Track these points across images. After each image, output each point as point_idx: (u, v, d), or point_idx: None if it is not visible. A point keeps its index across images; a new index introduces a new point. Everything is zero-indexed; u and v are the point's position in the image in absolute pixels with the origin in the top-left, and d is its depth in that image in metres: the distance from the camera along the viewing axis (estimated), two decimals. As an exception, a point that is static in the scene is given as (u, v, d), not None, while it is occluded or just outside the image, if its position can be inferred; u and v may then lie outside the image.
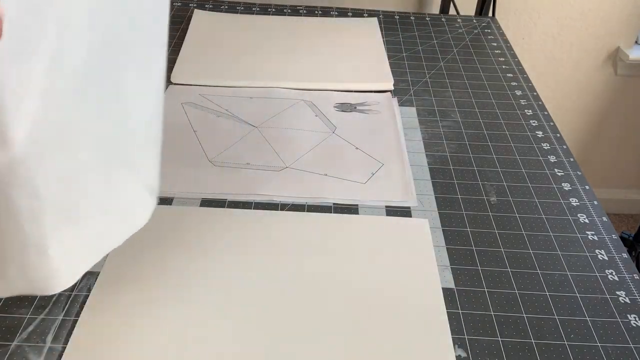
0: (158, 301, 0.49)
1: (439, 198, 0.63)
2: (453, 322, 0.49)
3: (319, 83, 0.82)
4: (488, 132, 0.75)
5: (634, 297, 0.52)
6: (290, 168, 0.66)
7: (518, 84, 0.87)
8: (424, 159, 0.69)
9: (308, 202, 0.61)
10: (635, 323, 0.50)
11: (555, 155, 0.71)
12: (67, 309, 0.48)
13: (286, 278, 0.52)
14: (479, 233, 0.58)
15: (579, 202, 0.64)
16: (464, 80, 0.87)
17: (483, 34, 1.03)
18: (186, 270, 0.52)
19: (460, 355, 0.47)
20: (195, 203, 0.60)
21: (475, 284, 0.53)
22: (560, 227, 0.60)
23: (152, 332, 0.46)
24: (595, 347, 0.48)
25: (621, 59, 1.55)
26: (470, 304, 0.51)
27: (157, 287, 0.50)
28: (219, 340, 0.46)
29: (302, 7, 1.07)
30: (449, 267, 0.54)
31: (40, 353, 0.45)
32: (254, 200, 0.61)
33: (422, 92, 0.83)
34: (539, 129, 0.76)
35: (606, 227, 0.60)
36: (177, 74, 0.82)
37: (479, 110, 0.79)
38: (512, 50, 0.97)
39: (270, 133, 0.71)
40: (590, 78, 1.62)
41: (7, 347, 0.45)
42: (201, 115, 0.74)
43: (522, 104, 0.81)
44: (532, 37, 1.53)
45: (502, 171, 0.68)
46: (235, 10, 1.05)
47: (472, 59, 0.93)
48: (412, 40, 0.98)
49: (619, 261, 0.56)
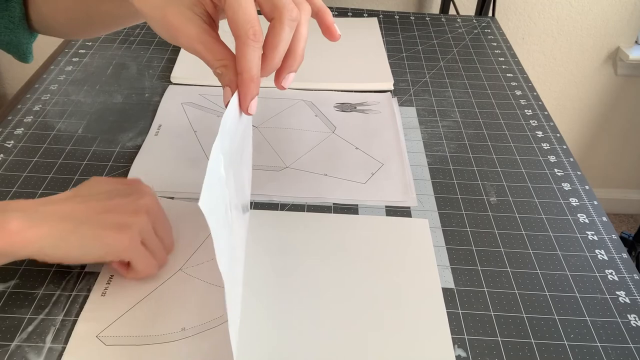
0: (158, 300, 0.49)
1: (438, 198, 0.63)
2: (453, 322, 0.49)
3: (319, 83, 0.82)
4: (488, 132, 0.75)
5: (634, 297, 0.52)
6: (290, 168, 0.66)
7: (518, 84, 0.87)
8: (424, 159, 0.69)
9: (308, 202, 0.61)
10: (635, 323, 0.50)
11: (555, 155, 0.71)
12: (67, 309, 0.48)
13: (285, 277, 0.52)
14: (479, 233, 0.58)
15: (579, 202, 0.64)
16: (464, 80, 0.87)
17: (483, 34, 1.03)
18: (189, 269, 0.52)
19: (460, 355, 0.47)
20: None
21: (475, 284, 0.53)
22: (560, 227, 0.60)
23: (151, 332, 0.46)
24: (595, 347, 0.48)
25: (621, 59, 1.55)
26: (470, 304, 0.51)
27: (157, 286, 0.50)
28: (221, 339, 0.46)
29: (302, 7, 1.07)
30: (449, 267, 0.54)
31: (40, 353, 0.45)
32: (254, 200, 0.61)
33: (422, 92, 0.83)
34: (539, 129, 0.76)
35: (606, 227, 0.60)
36: (177, 74, 0.82)
37: (479, 110, 0.79)
38: (512, 50, 0.97)
39: (270, 133, 0.71)
40: (590, 78, 1.62)
41: (7, 347, 0.45)
42: (201, 115, 0.74)
43: (522, 104, 0.81)
44: (532, 37, 1.53)
45: (502, 171, 0.68)
46: (235, 10, 1.05)
47: (472, 59, 0.93)
48: (412, 40, 0.98)
49: (619, 261, 0.56)
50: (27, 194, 0.60)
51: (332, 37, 0.44)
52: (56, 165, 0.64)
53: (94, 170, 0.64)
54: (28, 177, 0.62)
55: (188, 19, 0.41)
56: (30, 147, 0.67)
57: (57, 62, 0.85)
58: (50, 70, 0.83)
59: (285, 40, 0.40)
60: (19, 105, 0.74)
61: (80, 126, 0.71)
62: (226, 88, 0.41)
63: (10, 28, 0.58)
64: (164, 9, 0.41)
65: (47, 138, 0.69)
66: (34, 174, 0.63)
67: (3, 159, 0.65)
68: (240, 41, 0.39)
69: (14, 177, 0.62)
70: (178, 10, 0.41)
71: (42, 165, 0.64)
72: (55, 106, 0.75)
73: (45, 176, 0.62)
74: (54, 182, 0.62)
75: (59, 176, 0.63)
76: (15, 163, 0.64)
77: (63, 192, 0.49)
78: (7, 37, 0.59)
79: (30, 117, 0.72)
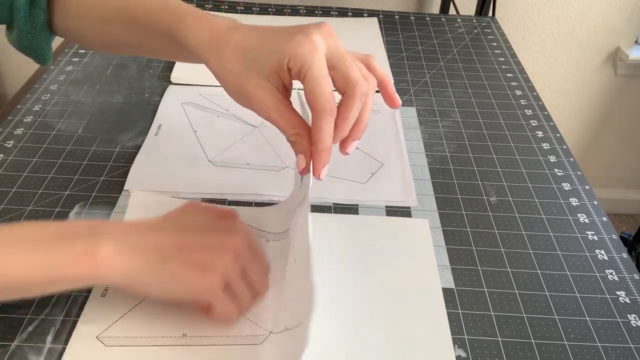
0: (157, 300, 0.49)
1: (438, 198, 0.63)
2: (453, 322, 0.49)
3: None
4: (488, 132, 0.75)
5: (634, 297, 0.52)
6: (290, 168, 0.66)
7: (518, 84, 0.87)
8: (424, 159, 0.69)
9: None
10: (635, 323, 0.50)
11: (555, 155, 0.71)
12: (67, 309, 0.48)
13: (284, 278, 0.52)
14: (479, 233, 0.58)
15: (579, 202, 0.64)
16: (464, 80, 0.87)
17: (483, 34, 1.03)
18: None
19: (460, 355, 0.47)
20: (195, 203, 0.60)
21: (475, 284, 0.53)
22: (560, 227, 0.60)
23: (151, 333, 0.46)
24: (595, 347, 0.48)
25: (621, 59, 1.55)
26: (470, 304, 0.51)
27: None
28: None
29: (302, 7, 1.07)
30: (449, 267, 0.54)
31: (40, 353, 0.45)
32: (254, 200, 0.61)
33: (422, 92, 0.83)
34: (539, 129, 0.76)
35: (606, 227, 0.60)
36: (177, 74, 0.82)
37: (479, 110, 0.79)
38: (512, 50, 0.97)
39: (270, 133, 0.71)
40: (590, 78, 1.62)
41: (7, 347, 0.45)
42: (201, 115, 0.74)
43: (522, 104, 0.81)
44: (532, 37, 1.53)
45: (502, 171, 0.68)
46: (236, 10, 1.05)
47: (472, 59, 0.93)
48: (412, 40, 0.98)
49: (619, 261, 0.56)
50: (27, 194, 0.60)
51: (394, 105, 0.49)
52: (56, 165, 0.64)
53: (94, 170, 0.64)
54: (28, 177, 0.62)
55: (265, 89, 0.44)
56: (30, 147, 0.67)
57: (57, 62, 0.85)
58: (50, 70, 0.83)
59: (355, 113, 0.44)
60: (19, 105, 0.74)
61: (80, 126, 0.71)
62: (300, 155, 0.45)
63: (33, 33, 0.57)
64: (242, 78, 0.45)
65: (47, 138, 0.69)
66: (34, 174, 0.63)
67: (3, 159, 0.65)
68: (317, 115, 0.43)
69: (14, 177, 0.62)
70: (257, 81, 0.44)
71: (42, 165, 0.64)
72: (55, 106, 0.75)
73: (45, 176, 0.62)
74: (54, 182, 0.62)
75: (59, 176, 0.63)
76: (15, 163, 0.64)
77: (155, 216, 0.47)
78: (28, 42, 0.58)
79: (30, 117, 0.72)
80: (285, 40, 0.43)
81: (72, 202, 0.59)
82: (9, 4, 0.56)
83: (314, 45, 0.42)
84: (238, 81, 0.45)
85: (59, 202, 0.59)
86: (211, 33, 0.47)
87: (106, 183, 0.62)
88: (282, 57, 0.43)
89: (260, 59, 0.44)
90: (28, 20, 0.56)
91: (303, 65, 0.42)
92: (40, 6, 0.56)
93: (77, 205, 0.59)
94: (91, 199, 0.60)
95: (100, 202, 0.59)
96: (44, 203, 0.59)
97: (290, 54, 0.43)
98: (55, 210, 0.58)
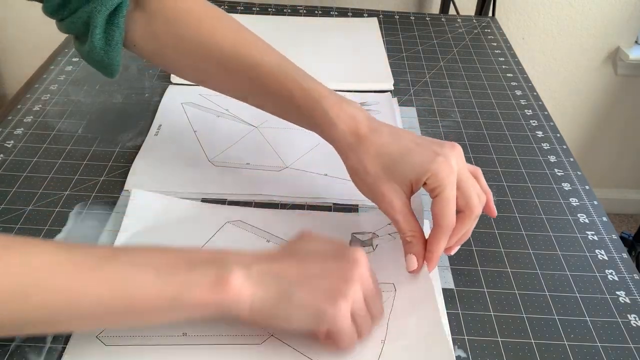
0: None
1: (439, 198, 0.63)
2: (453, 322, 0.49)
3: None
4: (488, 132, 0.75)
5: (634, 297, 0.52)
6: (290, 168, 0.66)
7: (518, 84, 0.87)
8: (424, 159, 0.68)
9: (308, 202, 0.61)
10: (635, 323, 0.50)
11: (555, 155, 0.71)
12: (67, 309, 0.48)
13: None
14: (479, 233, 0.58)
15: (579, 202, 0.64)
16: (464, 80, 0.87)
17: (483, 33, 1.03)
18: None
19: (460, 355, 0.47)
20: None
21: (475, 284, 0.53)
22: (560, 227, 0.60)
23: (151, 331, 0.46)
24: (595, 347, 0.48)
25: (621, 59, 1.55)
26: (470, 304, 0.51)
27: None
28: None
29: (302, 7, 1.07)
30: (448, 267, 0.54)
31: (40, 353, 0.45)
32: (254, 200, 0.61)
33: (422, 92, 0.83)
34: (539, 129, 0.76)
35: (606, 227, 0.60)
36: (177, 74, 0.82)
37: (479, 110, 0.79)
38: (512, 50, 0.97)
39: (270, 133, 0.71)
40: (590, 78, 1.62)
41: (7, 347, 0.45)
42: (201, 115, 0.74)
43: (522, 104, 0.81)
44: (532, 37, 1.53)
45: (502, 171, 0.68)
46: (236, 10, 1.05)
47: (472, 58, 0.93)
48: (412, 40, 0.98)
49: (619, 261, 0.56)
50: (27, 194, 0.60)
51: (492, 216, 0.53)
52: (56, 165, 0.64)
53: (94, 170, 0.64)
54: (28, 177, 0.62)
55: (396, 193, 0.50)
56: (30, 147, 0.67)
57: (57, 62, 0.85)
58: (50, 70, 0.83)
59: (468, 230, 0.50)
60: (19, 105, 0.74)
61: (80, 126, 0.71)
62: (412, 256, 0.50)
63: (105, 50, 0.56)
64: (379, 180, 0.50)
65: (47, 138, 0.69)
66: (34, 174, 0.63)
67: (3, 159, 0.65)
68: (440, 230, 0.48)
69: (14, 177, 0.62)
70: (391, 185, 0.50)
71: (42, 165, 0.64)
72: (55, 106, 0.75)
73: (45, 176, 0.62)
74: (54, 182, 0.62)
75: (59, 176, 0.63)
76: (15, 163, 0.64)
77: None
78: (100, 57, 0.57)
79: (30, 117, 0.72)
80: (428, 159, 0.48)
81: (72, 202, 0.59)
82: (85, 18, 0.55)
83: (452, 170, 0.48)
84: (374, 181, 0.50)
85: (59, 202, 0.59)
86: (351, 130, 0.52)
87: (106, 183, 0.62)
88: (423, 174, 0.48)
89: (401, 170, 0.49)
90: (102, 37, 0.56)
91: (439, 185, 0.48)
92: (117, 24, 0.56)
93: (77, 205, 0.59)
94: (91, 199, 0.60)
95: (100, 202, 0.59)
96: (44, 203, 0.59)
97: (431, 173, 0.48)
98: (55, 210, 0.58)
